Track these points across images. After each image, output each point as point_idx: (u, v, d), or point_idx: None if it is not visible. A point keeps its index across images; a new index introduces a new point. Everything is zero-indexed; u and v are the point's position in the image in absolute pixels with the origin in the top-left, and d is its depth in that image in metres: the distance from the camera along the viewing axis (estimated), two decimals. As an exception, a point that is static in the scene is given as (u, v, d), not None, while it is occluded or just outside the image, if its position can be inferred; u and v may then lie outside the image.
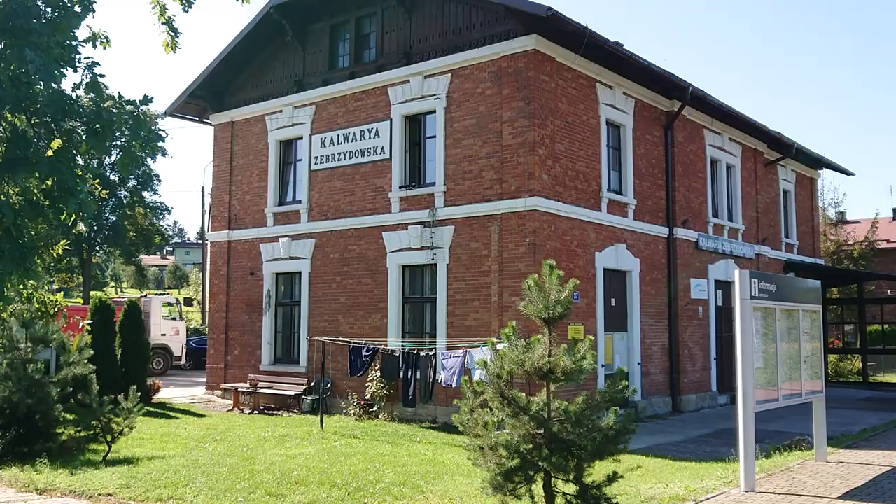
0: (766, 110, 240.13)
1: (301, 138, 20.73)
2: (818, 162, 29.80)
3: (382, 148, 18.76)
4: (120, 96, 9.30)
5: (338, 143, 19.68)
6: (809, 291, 11.75)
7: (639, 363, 18.84)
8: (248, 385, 19.75)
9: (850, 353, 31.02)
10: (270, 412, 19.23)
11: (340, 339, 18.23)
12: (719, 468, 11.50)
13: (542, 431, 7.97)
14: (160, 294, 40.78)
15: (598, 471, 8.18)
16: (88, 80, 8.97)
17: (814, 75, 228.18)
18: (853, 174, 32.39)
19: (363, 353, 17.34)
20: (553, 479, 8.13)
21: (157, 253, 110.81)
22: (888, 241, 47.77)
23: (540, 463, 7.83)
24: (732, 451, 11.64)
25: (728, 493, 9.54)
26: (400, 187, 18.39)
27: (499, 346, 8.64)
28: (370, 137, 19.03)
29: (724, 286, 22.05)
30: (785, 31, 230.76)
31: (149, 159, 48.99)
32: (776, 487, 9.87)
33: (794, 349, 11.04)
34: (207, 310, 25.14)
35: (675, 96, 20.41)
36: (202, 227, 49.10)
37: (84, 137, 9.15)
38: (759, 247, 24.86)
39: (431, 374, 16.29)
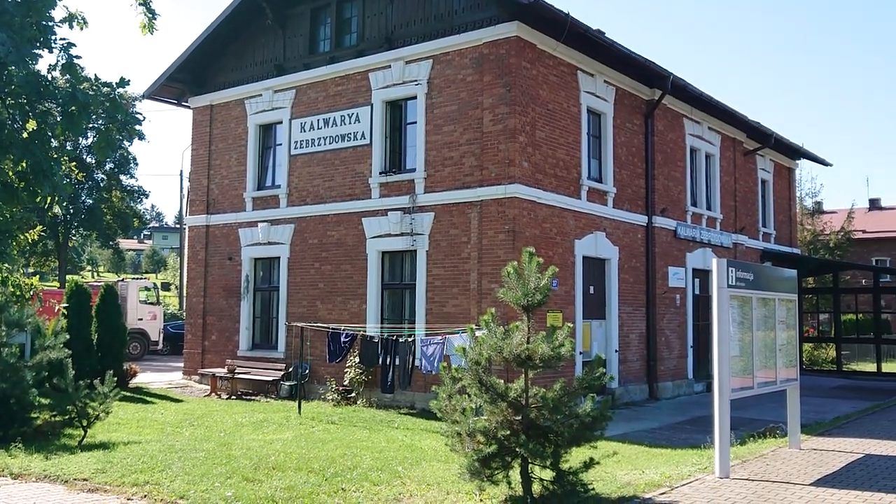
0: (745, 101, 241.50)
1: (281, 123, 20.59)
2: (796, 152, 30.02)
3: (363, 133, 18.67)
4: (96, 78, 9.16)
5: (318, 128, 19.56)
6: (785, 281, 11.85)
7: (616, 350, 18.96)
8: (225, 370, 19.68)
9: (825, 341, 31.40)
10: (248, 397, 19.17)
11: (319, 324, 18.18)
12: (695, 455, 11.60)
13: (519, 418, 8.01)
14: (137, 278, 40.50)
15: (575, 457, 8.24)
16: (64, 61, 8.82)
17: (792, 67, 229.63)
18: (830, 165, 32.70)
19: (342, 339, 17.34)
20: (530, 465, 8.18)
21: (135, 237, 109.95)
22: (864, 232, 48.34)
23: (517, 449, 7.87)
24: (708, 438, 11.75)
25: (703, 479, 9.63)
26: (380, 173, 18.32)
27: (477, 333, 8.66)
28: (350, 123, 18.93)
29: (702, 275, 22.20)
30: (764, 24, 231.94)
31: (126, 142, 48.44)
32: (750, 474, 9.98)
33: (769, 337, 11.14)
34: (185, 294, 24.99)
35: (656, 85, 20.45)
36: (180, 212, 48.75)
37: (59, 119, 9.01)
38: (736, 236, 25.03)
39: (410, 360, 16.33)
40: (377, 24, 18.78)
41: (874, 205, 56.45)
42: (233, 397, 19.06)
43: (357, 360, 17.42)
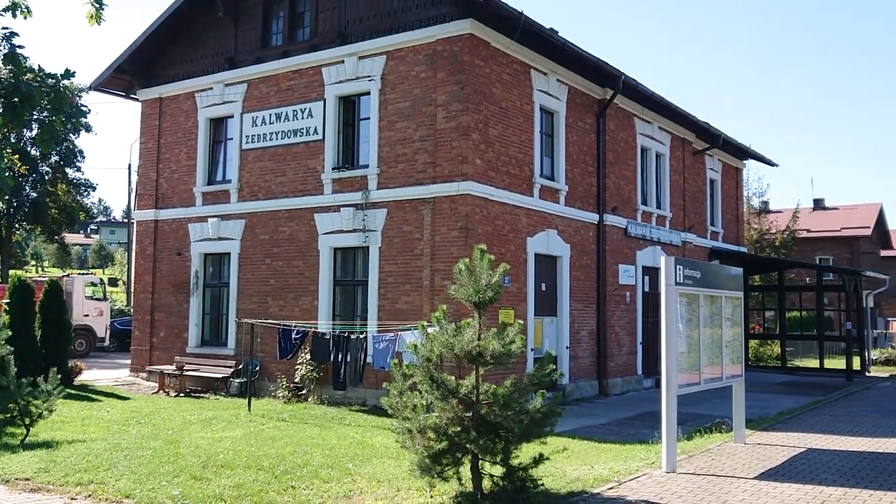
0: (695, 102, 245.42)
1: (232, 117, 20.33)
2: (743, 152, 30.60)
3: (315, 129, 18.54)
4: (40, 69, 8.95)
5: (270, 123, 19.37)
6: (732, 278, 12.07)
7: (567, 347, 19.13)
8: (174, 367, 19.38)
9: (770, 338, 32.08)
10: (197, 395, 18.92)
11: (270, 321, 18.02)
12: (643, 450, 11.77)
13: (470, 414, 8.03)
14: (83, 273, 39.67)
15: (525, 453, 8.30)
16: (6, 51, 8.61)
17: (740, 70, 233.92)
18: (776, 165, 33.42)
19: (293, 336, 17.21)
20: (480, 462, 8.21)
21: (81, 231, 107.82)
22: (808, 231, 49.51)
23: (468, 445, 7.90)
24: (656, 433, 11.92)
25: (650, 473, 9.78)
26: (333, 169, 18.21)
27: (429, 330, 8.66)
28: (303, 118, 18.78)
29: (652, 272, 22.52)
30: (714, 26, 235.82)
31: (72, 135, 47.41)
32: (696, 468, 10.15)
33: (716, 334, 11.34)
34: (133, 290, 24.53)
35: (608, 84, 20.66)
36: (128, 206, 47.86)
37: (1, 111, 8.79)
38: (685, 234, 25.43)
39: (362, 357, 16.26)
40: (330, 18, 18.65)
41: (818, 205, 57.83)
42: (181, 395, 18.79)
43: (308, 356, 17.30)
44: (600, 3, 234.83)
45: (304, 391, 17.49)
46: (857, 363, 26.44)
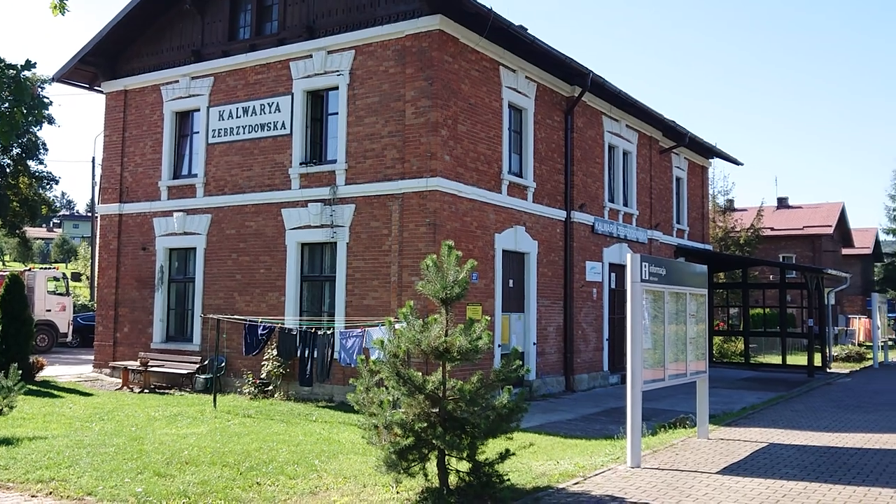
0: (662, 101, 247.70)
1: (198, 110, 20.12)
2: (709, 151, 30.94)
3: (283, 123, 18.41)
4: (1, 60, 8.81)
5: (237, 117, 19.20)
6: (697, 276, 12.20)
7: (534, 343, 19.22)
8: (138, 363, 19.15)
9: (734, 335, 32.51)
10: (162, 391, 18.73)
11: (236, 317, 17.88)
12: (608, 445, 11.87)
13: (436, 410, 8.04)
14: (46, 268, 39.05)
15: (492, 448, 8.33)
16: (-34, 40, 8.45)
17: (707, 70, 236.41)
18: (741, 164, 33.85)
19: (259, 332, 17.12)
20: (447, 457, 8.23)
21: (44, 225, 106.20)
22: (772, 229, 50.23)
23: (434, 441, 7.91)
24: (621, 428, 12.03)
25: (615, 469, 9.86)
26: (300, 164, 18.11)
27: (396, 326, 8.65)
28: (270, 112, 18.64)
29: (618, 269, 22.69)
30: (681, 28, 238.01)
31: (34, 127, 46.56)
32: (660, 463, 10.26)
33: (681, 331, 11.46)
34: (96, 285, 24.20)
35: (576, 82, 20.76)
36: (92, 200, 47.16)
37: (-40, 101, 8.62)
38: (652, 232, 25.66)
39: (329, 352, 16.22)
40: (299, 12, 18.52)
41: (782, 203, 58.65)
42: (146, 391, 18.58)
43: (275, 352, 17.21)
44: (570, 3, 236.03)
45: (271, 387, 17.39)
46: (818, 359, 26.87)
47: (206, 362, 18.73)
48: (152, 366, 19.04)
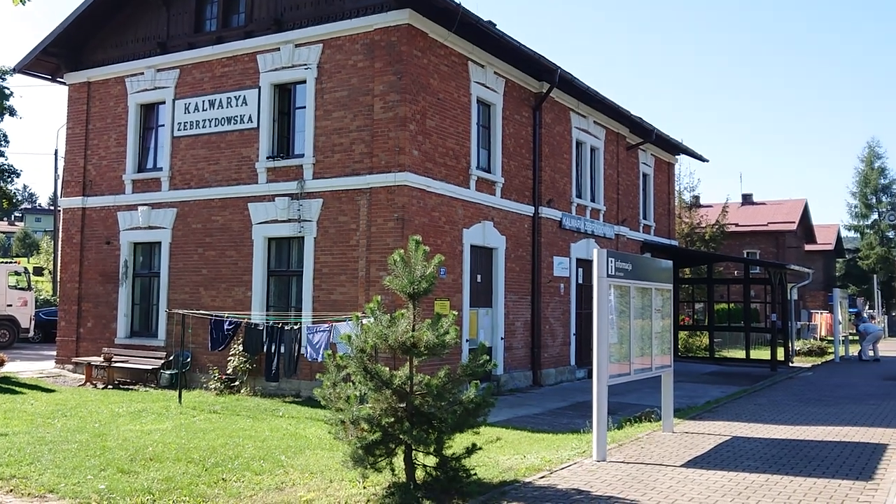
0: (629, 98, 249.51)
1: (164, 103, 19.88)
2: (676, 148, 31.21)
3: (250, 116, 18.26)
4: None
5: (203, 110, 19.00)
6: (662, 271, 12.31)
7: (502, 338, 19.28)
8: (102, 359, 18.91)
9: (699, 329, 32.86)
10: (126, 387, 18.51)
11: (202, 312, 17.71)
12: (574, 439, 11.95)
13: (404, 405, 8.04)
14: (7, 262, 38.37)
15: (459, 443, 8.35)
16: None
17: (674, 67, 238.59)
18: (707, 160, 34.16)
19: (225, 327, 17.00)
20: (414, 452, 8.24)
21: (5, 219, 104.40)
22: (737, 225, 50.85)
23: (401, 436, 7.91)
24: (587, 422, 12.12)
25: (581, 462, 9.93)
26: (267, 158, 17.97)
27: (364, 321, 8.63)
28: (237, 105, 18.47)
29: (585, 264, 22.83)
30: (649, 26, 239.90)
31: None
32: (626, 457, 10.35)
33: (646, 326, 11.55)
34: (59, 280, 23.82)
35: (545, 78, 20.83)
36: (55, 193, 46.45)
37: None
38: (618, 227, 25.85)
39: (296, 348, 16.15)
40: (266, 4, 18.36)
41: (746, 199, 59.37)
42: (109, 387, 18.35)
43: (241, 348, 17.10)
44: (540, 1, 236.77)
45: (237, 383, 17.26)
46: (781, 354, 27.25)
47: (172, 358, 18.54)
48: (116, 361, 18.81)
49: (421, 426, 8.00)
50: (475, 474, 8.45)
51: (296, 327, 16.32)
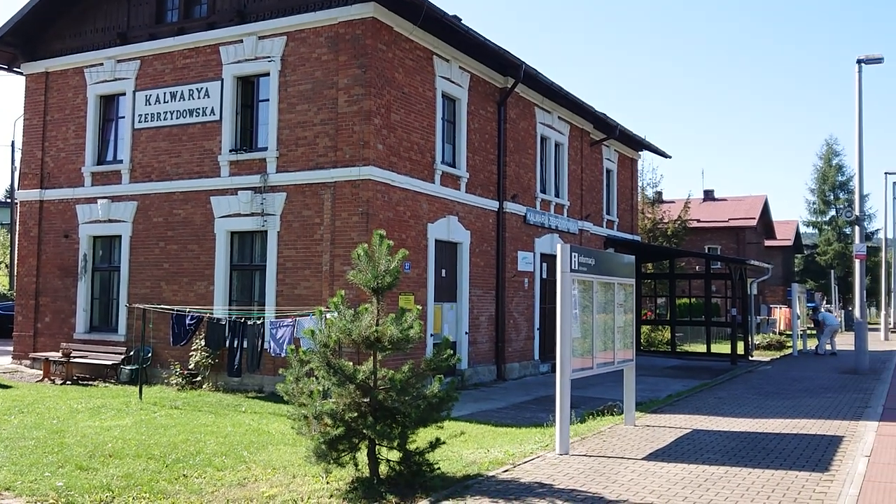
0: (593, 94, 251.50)
1: (124, 94, 19.56)
2: (639, 144, 31.50)
3: (212, 109, 18.05)
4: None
5: (164, 102, 18.74)
6: (625, 266, 12.41)
7: (466, 333, 19.32)
8: (60, 354, 18.58)
9: (661, 324, 33.23)
10: (85, 383, 18.22)
11: (163, 306, 17.50)
12: (537, 433, 12.02)
13: (367, 400, 8.02)
14: (-38, 256, 37.57)
15: (423, 437, 8.35)
16: None
17: (639, 65, 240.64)
18: (670, 157, 34.54)
19: (187, 322, 16.82)
20: (377, 447, 8.23)
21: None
22: (698, 221, 51.48)
23: (364, 431, 7.90)
24: (550, 416, 12.19)
25: (544, 456, 9.99)
26: (230, 151, 17.79)
27: (328, 316, 8.59)
28: (199, 97, 18.24)
29: (549, 259, 22.95)
30: (612, 26, 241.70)
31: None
32: (588, 450, 10.44)
33: (609, 320, 11.65)
34: (16, 274, 23.37)
35: (510, 73, 20.87)
36: (11, 185, 45.54)
37: None
38: (582, 222, 26.02)
39: (259, 343, 16.02)
40: (229, -4, 18.15)
41: (708, 196, 60.16)
42: (68, 382, 18.05)
43: (203, 343, 16.92)
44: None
45: (199, 378, 17.09)
46: (741, 348, 27.68)
47: (132, 353, 18.30)
48: (75, 357, 18.50)
49: (384, 421, 7.99)
50: (439, 468, 8.47)
51: (259, 322, 16.19)
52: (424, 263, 17.87)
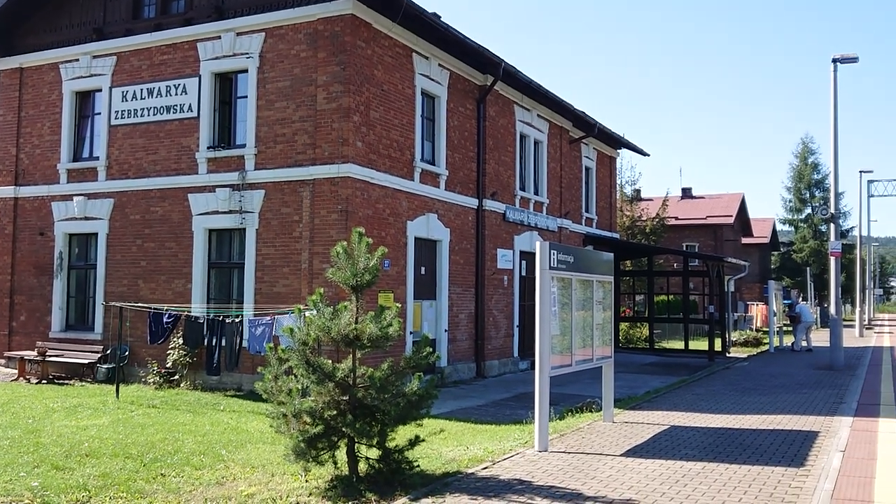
0: (572, 92, 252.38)
1: (100, 90, 19.37)
2: (617, 142, 31.64)
3: (190, 105, 17.92)
4: None
5: (141, 98, 18.58)
6: (604, 263, 12.46)
7: (446, 330, 19.33)
8: (35, 353, 18.39)
9: (640, 321, 33.42)
10: (61, 382, 18.05)
11: (140, 304, 17.36)
12: (517, 430, 12.05)
13: (346, 398, 8.01)
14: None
15: (402, 435, 8.35)
16: None
17: (617, 65, 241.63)
18: (648, 155, 34.72)
19: (164, 320, 16.70)
20: (357, 445, 8.22)
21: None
22: (676, 219, 51.78)
23: (344, 429, 7.88)
24: (530, 413, 12.23)
25: (523, 453, 10.02)
26: (208, 148, 17.67)
27: (307, 313, 8.56)
28: (177, 94, 18.10)
29: (529, 257, 23.01)
30: (592, 27, 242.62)
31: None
32: (567, 447, 10.48)
33: (588, 317, 11.69)
34: (-10, 272, 23.10)
35: (489, 71, 20.89)
36: (-14, 182, 44.95)
37: None
38: (561, 220, 26.10)
39: (238, 341, 15.95)
40: (207, -8, 18.03)
41: (686, 193, 60.53)
42: (44, 382, 17.87)
43: (181, 341, 16.81)
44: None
45: (177, 377, 16.98)
46: (718, 344, 27.86)
47: (109, 351, 18.15)
48: (51, 355, 18.32)
49: (364, 419, 7.98)
50: (418, 466, 8.47)
51: (237, 320, 16.11)
52: (404, 261, 17.85)
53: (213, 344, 16.24)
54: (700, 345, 29.91)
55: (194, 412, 13.65)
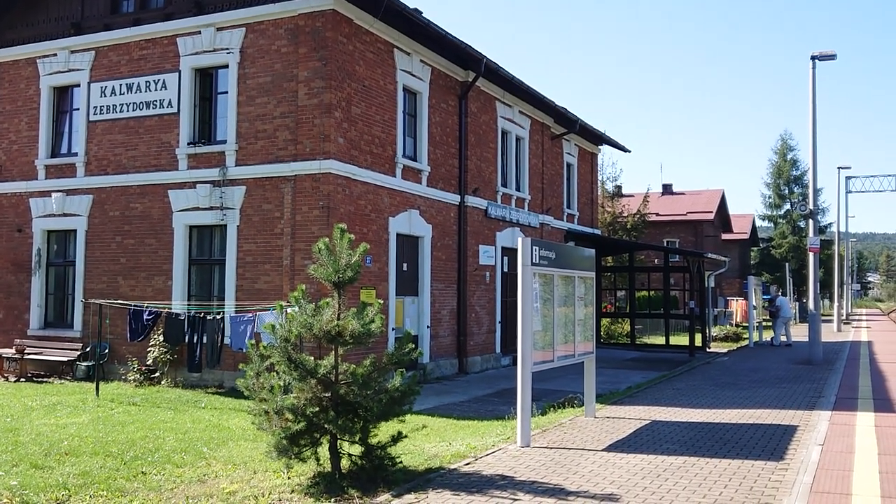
0: (554, 89, 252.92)
1: (78, 86, 19.20)
2: (599, 138, 31.73)
3: (170, 101, 17.79)
4: None
5: (120, 94, 18.42)
6: (585, 259, 12.50)
7: (428, 326, 19.33)
8: (13, 351, 18.23)
9: (621, 316, 33.56)
10: (40, 380, 17.90)
11: (120, 301, 17.24)
12: (499, 426, 12.07)
13: (329, 394, 7.99)
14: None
15: (384, 431, 8.34)
16: None
17: (599, 62, 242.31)
18: (629, 151, 34.83)
19: (145, 317, 16.60)
20: (339, 441, 8.20)
21: None
22: (657, 215, 52.05)
23: (326, 425, 7.86)
24: (512, 409, 12.24)
25: (506, 448, 10.04)
26: (188, 144, 17.56)
27: (288, 310, 8.53)
28: (156, 89, 17.97)
29: (511, 253, 23.05)
30: (575, 23, 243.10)
31: None
32: (549, 442, 10.51)
33: (570, 313, 11.72)
34: (-33, 269, 22.85)
35: (471, 67, 20.89)
36: (-38, 179, 44.45)
37: None
38: (543, 216, 26.16)
39: (219, 338, 15.89)
40: (187, -14, 17.89)
41: (667, 190, 60.78)
42: (22, 380, 17.72)
43: (162, 338, 16.71)
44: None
45: (158, 374, 16.88)
46: (699, 340, 28.02)
47: (88, 349, 18.01)
48: (29, 353, 18.16)
49: (346, 415, 7.97)
50: (401, 462, 8.46)
51: (218, 317, 16.03)
52: (386, 257, 17.83)
53: (195, 341, 16.15)
54: (681, 340, 30.07)
55: (175, 410, 13.58)
